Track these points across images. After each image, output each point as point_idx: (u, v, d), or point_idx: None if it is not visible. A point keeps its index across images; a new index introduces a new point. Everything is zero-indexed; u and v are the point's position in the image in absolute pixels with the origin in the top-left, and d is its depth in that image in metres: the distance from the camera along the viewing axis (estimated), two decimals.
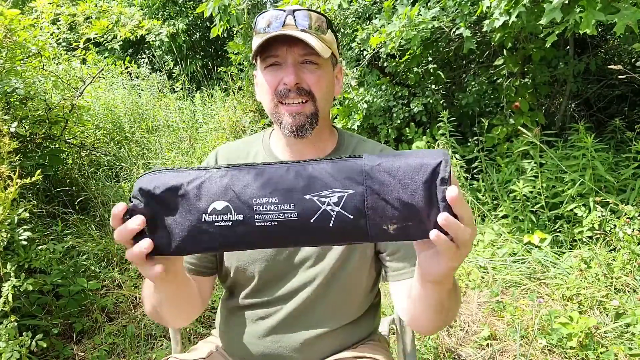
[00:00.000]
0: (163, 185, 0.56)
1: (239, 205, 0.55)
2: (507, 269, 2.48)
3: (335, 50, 0.97)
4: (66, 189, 3.09)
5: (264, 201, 0.54)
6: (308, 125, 0.89)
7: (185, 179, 0.56)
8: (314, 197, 0.54)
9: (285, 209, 0.54)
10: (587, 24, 1.80)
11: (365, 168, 0.54)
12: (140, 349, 2.06)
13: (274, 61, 0.89)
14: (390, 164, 0.54)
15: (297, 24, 0.88)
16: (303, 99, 0.89)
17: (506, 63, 3.36)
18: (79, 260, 2.44)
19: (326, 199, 0.54)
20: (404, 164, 0.54)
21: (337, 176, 0.55)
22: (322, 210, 0.53)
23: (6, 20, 2.30)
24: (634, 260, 2.17)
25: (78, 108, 3.09)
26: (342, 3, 2.90)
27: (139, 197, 0.57)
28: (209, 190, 0.55)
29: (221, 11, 3.08)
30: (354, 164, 0.55)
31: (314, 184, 0.54)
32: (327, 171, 0.55)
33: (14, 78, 2.43)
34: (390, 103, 3.72)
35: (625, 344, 1.85)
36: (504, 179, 3.07)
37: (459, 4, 2.51)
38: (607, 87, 3.93)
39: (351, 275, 0.95)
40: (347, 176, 0.54)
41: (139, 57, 7.08)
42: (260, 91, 0.96)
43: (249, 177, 0.56)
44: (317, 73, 0.90)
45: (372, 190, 0.53)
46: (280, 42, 0.87)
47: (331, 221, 0.54)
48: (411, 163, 0.54)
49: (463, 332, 2.10)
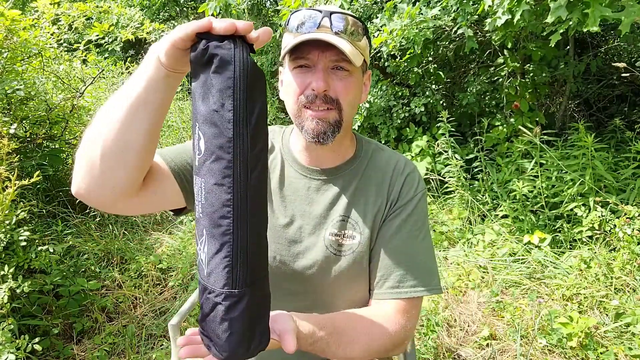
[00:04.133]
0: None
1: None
2: (507, 268, 2.48)
3: (367, 56, 0.94)
4: (66, 189, 3.09)
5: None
6: (330, 133, 0.87)
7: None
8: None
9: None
10: (594, 21, 1.75)
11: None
12: (140, 349, 2.06)
13: (304, 63, 0.86)
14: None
15: (332, 27, 0.84)
16: (329, 107, 0.86)
17: (506, 63, 3.37)
18: (79, 260, 2.44)
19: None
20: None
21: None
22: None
23: (7, 21, 2.30)
24: (634, 260, 2.17)
25: (78, 108, 3.09)
26: (343, 4, 2.90)
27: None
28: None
29: (222, 11, 3.08)
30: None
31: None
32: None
33: (14, 80, 2.43)
34: (391, 103, 3.72)
35: (625, 344, 1.85)
36: (504, 179, 3.07)
37: (460, 3, 2.51)
38: (607, 87, 3.93)
39: (357, 289, 0.95)
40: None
41: (140, 57, 7.08)
42: (285, 91, 0.92)
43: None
44: (346, 80, 0.87)
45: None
46: (312, 44, 0.84)
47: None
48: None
49: (463, 332, 2.10)
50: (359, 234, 0.93)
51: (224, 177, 0.56)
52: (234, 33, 0.56)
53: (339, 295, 0.95)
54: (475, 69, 3.89)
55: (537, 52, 3.18)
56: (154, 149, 0.72)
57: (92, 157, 0.68)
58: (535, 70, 3.39)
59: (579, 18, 1.85)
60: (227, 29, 0.55)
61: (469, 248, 2.76)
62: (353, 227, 0.93)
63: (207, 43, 0.56)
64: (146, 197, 0.77)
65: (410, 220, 0.93)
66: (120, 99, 0.66)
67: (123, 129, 0.66)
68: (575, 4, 1.84)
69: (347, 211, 0.93)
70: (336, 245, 0.92)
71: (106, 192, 0.71)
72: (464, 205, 3.10)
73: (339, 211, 0.93)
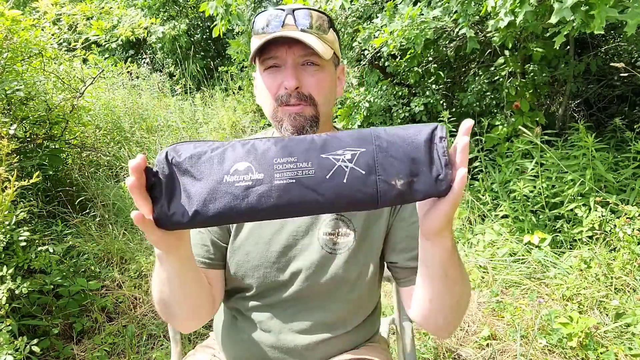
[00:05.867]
0: (188, 152, 0.60)
1: (260, 164, 0.58)
2: (507, 269, 2.48)
3: (338, 49, 0.94)
4: (66, 189, 3.09)
5: (284, 160, 0.58)
6: (309, 127, 0.87)
7: (210, 147, 0.60)
8: (329, 155, 0.58)
9: (303, 166, 0.58)
10: (601, 21, 1.73)
11: (374, 132, 0.61)
12: (140, 349, 2.06)
13: (273, 63, 0.87)
14: (396, 130, 0.62)
15: (297, 24, 0.85)
16: (303, 104, 0.86)
17: (507, 63, 3.36)
18: (79, 260, 2.44)
19: (340, 156, 0.58)
20: (406, 129, 0.62)
21: (350, 139, 0.60)
22: (337, 167, 0.58)
23: (7, 22, 2.30)
24: (634, 260, 2.17)
25: (78, 109, 3.10)
26: (344, 3, 2.89)
27: (163, 163, 0.59)
28: (232, 154, 0.59)
29: (223, 10, 3.08)
30: (365, 130, 0.62)
31: (329, 145, 0.59)
32: (340, 136, 0.61)
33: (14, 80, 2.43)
34: (391, 103, 3.72)
35: (625, 344, 1.85)
36: (504, 179, 3.07)
37: (462, 4, 2.50)
38: (607, 87, 3.92)
39: (353, 287, 0.94)
40: (359, 138, 0.60)
41: (140, 57, 7.08)
42: (259, 95, 0.93)
43: (270, 143, 0.60)
44: (318, 75, 0.87)
45: (381, 148, 0.59)
46: (279, 43, 0.84)
47: (345, 177, 0.58)
48: (412, 128, 0.62)
49: (463, 332, 2.10)
50: (353, 231, 0.92)
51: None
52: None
53: (334, 296, 0.94)
54: (475, 68, 3.89)
55: (538, 52, 3.18)
56: (205, 285, 0.86)
57: (170, 314, 0.84)
58: (536, 70, 3.39)
59: (582, 19, 1.84)
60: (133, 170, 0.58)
61: (469, 248, 2.76)
62: (347, 225, 0.93)
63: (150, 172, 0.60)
64: (222, 289, 0.97)
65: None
66: (156, 282, 0.79)
67: (175, 301, 0.80)
68: (579, 5, 1.82)
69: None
70: (331, 244, 0.92)
71: (201, 322, 0.89)
72: (464, 205, 3.10)
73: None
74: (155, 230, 0.60)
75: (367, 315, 1.01)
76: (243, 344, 0.96)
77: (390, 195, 0.58)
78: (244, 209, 0.57)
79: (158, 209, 0.58)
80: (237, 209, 0.57)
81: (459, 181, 0.59)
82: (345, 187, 0.57)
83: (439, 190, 0.60)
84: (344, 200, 0.58)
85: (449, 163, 0.60)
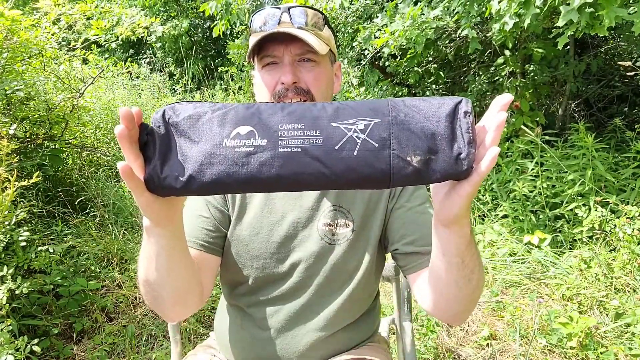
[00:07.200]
0: (187, 111, 0.55)
1: (264, 129, 0.53)
2: (507, 269, 2.48)
3: (334, 46, 0.95)
4: (66, 189, 3.09)
5: (290, 127, 0.53)
6: None
7: (211, 108, 0.55)
8: (340, 124, 0.53)
9: (310, 134, 0.52)
10: (610, 21, 1.72)
11: (391, 103, 0.55)
12: (140, 349, 2.06)
13: (271, 60, 0.88)
14: (415, 102, 0.56)
15: (293, 22, 0.87)
16: (301, 98, 0.87)
17: (507, 63, 3.36)
18: (79, 260, 2.44)
19: (353, 126, 0.53)
20: (427, 102, 0.56)
21: (364, 108, 0.54)
22: (348, 137, 0.52)
23: (7, 22, 2.30)
24: (634, 260, 2.17)
25: (78, 109, 3.09)
26: (343, 3, 2.90)
27: (160, 121, 0.55)
28: (234, 117, 0.54)
29: (223, 10, 3.08)
30: (381, 100, 0.56)
31: (341, 113, 0.54)
32: (354, 104, 0.55)
33: (14, 80, 2.43)
34: None
35: (625, 344, 1.85)
36: (504, 178, 3.07)
37: (464, 5, 2.50)
38: (607, 87, 3.92)
39: (351, 278, 0.94)
40: (374, 108, 0.54)
41: (140, 57, 7.09)
42: (258, 92, 0.94)
43: (276, 107, 0.55)
44: (315, 71, 0.88)
45: (398, 121, 0.53)
46: (276, 40, 0.86)
47: (356, 149, 0.52)
48: (433, 101, 0.56)
49: (463, 332, 2.10)
50: (352, 222, 0.93)
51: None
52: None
53: (334, 288, 0.94)
54: (475, 68, 3.89)
55: (538, 52, 3.18)
56: (194, 271, 0.80)
57: (155, 298, 0.78)
58: (536, 70, 3.39)
59: (587, 21, 1.84)
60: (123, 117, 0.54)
61: None
62: (345, 216, 0.93)
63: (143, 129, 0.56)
64: (213, 279, 0.92)
65: (415, 194, 0.94)
66: (142, 258, 0.74)
67: (161, 283, 0.75)
68: (585, 7, 1.82)
69: (337, 201, 0.93)
70: (330, 235, 0.92)
71: (188, 310, 0.83)
72: None
73: (330, 201, 0.93)
74: (145, 192, 0.55)
75: (364, 310, 1.01)
76: (243, 342, 0.96)
77: (404, 173, 0.53)
78: (243, 177, 0.52)
79: (150, 169, 0.54)
80: (236, 177, 0.52)
81: (489, 161, 0.53)
82: (355, 161, 0.52)
83: (459, 170, 0.53)
84: (353, 174, 0.53)
85: (473, 141, 0.53)
